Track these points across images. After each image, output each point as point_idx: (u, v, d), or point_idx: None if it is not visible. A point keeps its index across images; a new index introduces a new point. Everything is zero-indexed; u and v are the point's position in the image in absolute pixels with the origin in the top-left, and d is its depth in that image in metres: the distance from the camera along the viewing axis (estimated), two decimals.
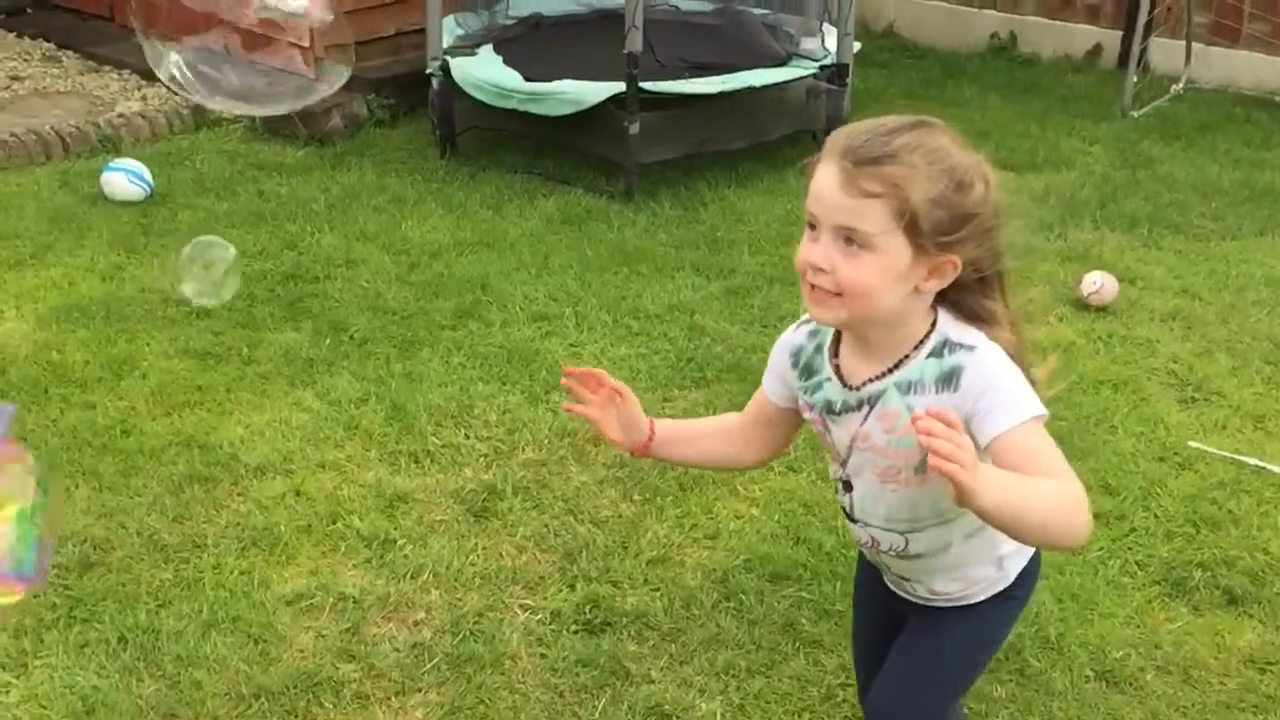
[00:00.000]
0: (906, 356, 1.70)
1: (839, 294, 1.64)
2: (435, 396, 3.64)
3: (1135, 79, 6.03)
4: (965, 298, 1.70)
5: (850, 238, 1.62)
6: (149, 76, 6.16)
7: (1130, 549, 3.04)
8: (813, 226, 1.66)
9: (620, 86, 4.95)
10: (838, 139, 1.66)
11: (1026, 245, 1.55)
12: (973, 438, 1.58)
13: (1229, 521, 3.13)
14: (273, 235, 4.70)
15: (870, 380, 1.73)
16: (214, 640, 2.72)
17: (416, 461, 3.36)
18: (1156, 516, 3.15)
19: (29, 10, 7.10)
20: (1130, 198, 5.11)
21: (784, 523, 3.11)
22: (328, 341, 3.94)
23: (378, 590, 2.88)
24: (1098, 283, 4.19)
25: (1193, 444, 3.44)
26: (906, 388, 1.69)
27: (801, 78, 5.38)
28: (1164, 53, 6.39)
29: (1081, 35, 6.88)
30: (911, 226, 1.60)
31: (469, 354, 3.88)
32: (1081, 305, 4.20)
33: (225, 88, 2.40)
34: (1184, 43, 6.35)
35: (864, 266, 1.62)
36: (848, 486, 1.85)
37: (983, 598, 1.89)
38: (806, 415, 1.86)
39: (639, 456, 1.98)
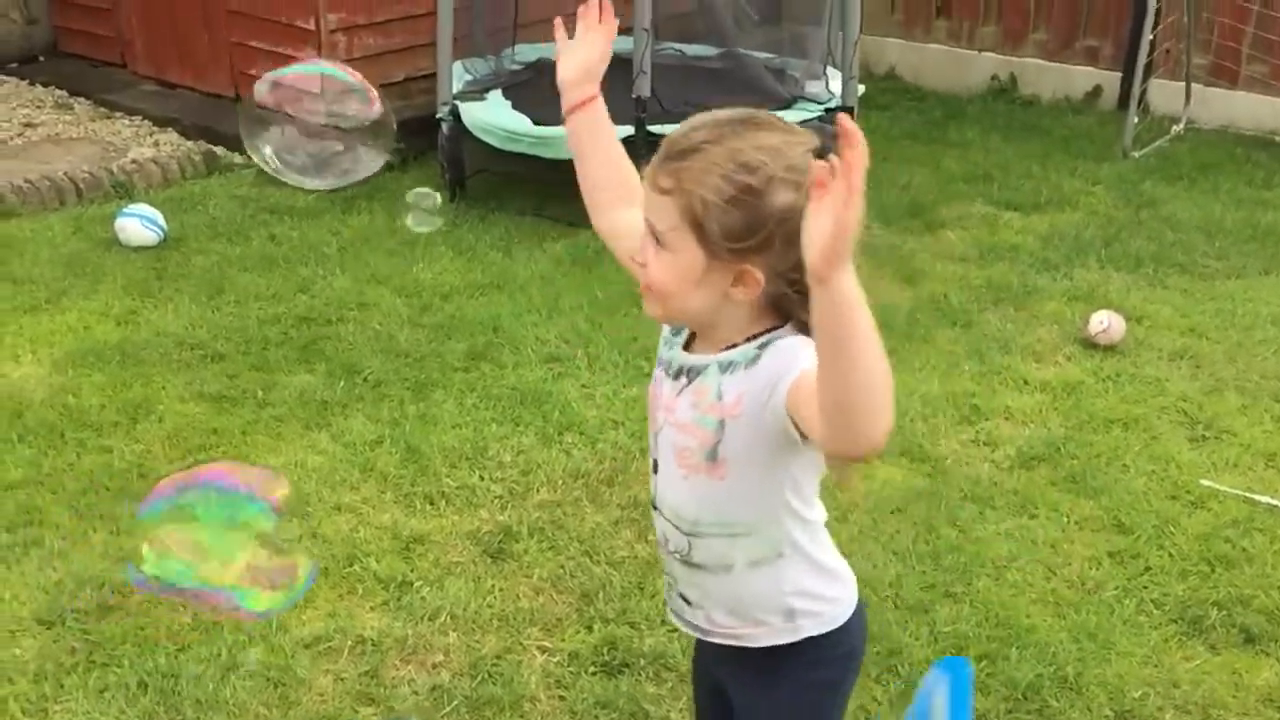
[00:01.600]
0: (735, 344, 1.64)
1: (649, 289, 1.63)
2: (449, 438, 3.66)
3: (1136, 120, 6.10)
4: (797, 313, 1.56)
5: (656, 235, 1.59)
6: (160, 123, 6.25)
7: (1146, 588, 3.05)
8: None
9: (628, 130, 5.00)
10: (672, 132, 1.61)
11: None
12: (775, 409, 1.54)
13: (1243, 560, 3.14)
14: (285, 279, 4.74)
15: (701, 353, 1.69)
16: (233, 684, 2.72)
17: (432, 503, 3.38)
18: (1171, 555, 3.16)
19: (41, 58, 7.19)
20: (1134, 237, 5.15)
21: None
22: (341, 384, 3.97)
23: (396, 632, 2.89)
24: (1105, 322, 4.22)
25: (1205, 482, 3.46)
26: (726, 366, 1.64)
27: (806, 120, 5.44)
28: (1164, 94, 6.46)
29: (1081, 77, 6.96)
30: (697, 227, 1.54)
31: (482, 395, 3.91)
32: (1089, 344, 4.23)
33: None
34: (1184, 84, 6.43)
35: (663, 265, 1.59)
36: (655, 467, 1.79)
37: (762, 644, 1.76)
38: (656, 372, 1.79)
39: (568, 113, 1.93)
